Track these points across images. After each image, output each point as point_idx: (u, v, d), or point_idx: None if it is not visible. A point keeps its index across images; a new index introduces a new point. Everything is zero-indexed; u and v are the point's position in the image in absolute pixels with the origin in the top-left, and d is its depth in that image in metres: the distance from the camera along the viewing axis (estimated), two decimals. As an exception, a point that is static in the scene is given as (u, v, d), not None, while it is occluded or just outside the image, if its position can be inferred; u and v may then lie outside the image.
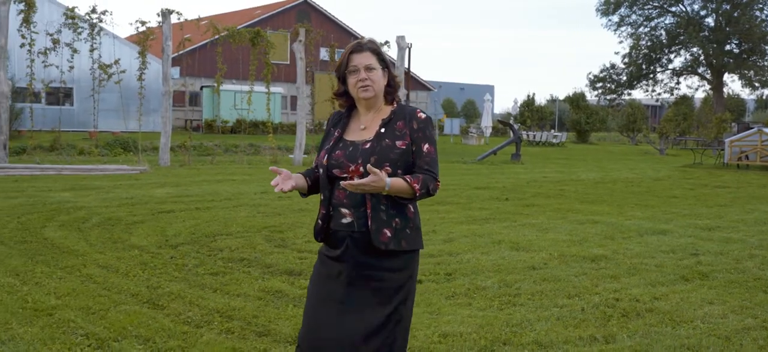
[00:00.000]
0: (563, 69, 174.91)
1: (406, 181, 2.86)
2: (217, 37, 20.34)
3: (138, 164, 17.58)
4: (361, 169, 2.88)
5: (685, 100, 45.90)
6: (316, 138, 23.86)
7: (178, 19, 18.87)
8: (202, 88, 40.90)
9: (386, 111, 3.03)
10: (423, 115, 3.02)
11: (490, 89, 79.49)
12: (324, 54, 32.24)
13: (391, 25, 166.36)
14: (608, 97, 49.01)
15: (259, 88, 20.79)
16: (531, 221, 9.86)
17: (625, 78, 48.41)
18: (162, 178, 14.88)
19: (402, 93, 19.57)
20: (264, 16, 47.44)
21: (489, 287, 5.87)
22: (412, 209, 2.99)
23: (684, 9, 47.18)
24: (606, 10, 47.77)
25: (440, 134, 40.90)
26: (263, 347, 4.29)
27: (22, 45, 17.61)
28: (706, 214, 10.95)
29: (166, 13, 18.69)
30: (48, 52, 18.04)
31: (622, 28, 48.88)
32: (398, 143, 2.93)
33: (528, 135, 37.60)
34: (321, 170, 2.99)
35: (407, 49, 21.49)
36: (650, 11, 48.01)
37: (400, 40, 21.43)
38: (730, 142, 22.87)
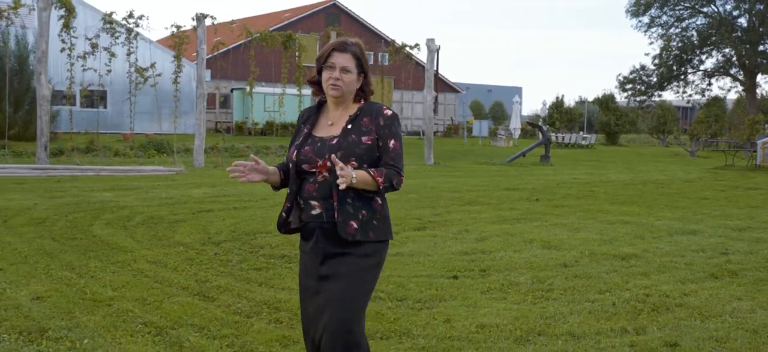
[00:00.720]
0: (592, 70, 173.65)
1: (370, 174, 2.98)
2: (249, 40, 20.72)
3: (173, 165, 18.02)
4: (328, 164, 2.99)
5: (716, 101, 45.46)
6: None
7: (212, 22, 19.29)
8: (232, 90, 41.51)
9: (353, 108, 3.14)
10: (389, 112, 3.12)
11: (517, 91, 79.28)
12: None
13: (419, 26, 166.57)
14: (638, 99, 48.66)
15: (291, 90, 21.14)
16: (561, 220, 10.02)
17: (655, 79, 48.02)
18: (198, 178, 15.26)
19: (431, 95, 19.77)
20: (293, 19, 47.92)
21: (522, 283, 6.08)
22: (379, 201, 3.09)
23: (716, 9, 46.70)
24: (636, 12, 47.46)
25: (469, 136, 41.01)
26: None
27: (62, 49, 18.14)
28: (736, 215, 11.02)
29: (200, 18, 19.13)
30: (87, 56, 18.55)
31: (653, 29, 48.50)
32: (364, 139, 3.04)
33: (557, 137, 37.56)
34: (290, 165, 3.11)
35: (436, 52, 21.66)
36: (681, 12, 47.59)
37: (430, 42, 21.64)
38: (762, 144, 22.73)
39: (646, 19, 48.13)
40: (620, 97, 48.76)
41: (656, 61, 48.02)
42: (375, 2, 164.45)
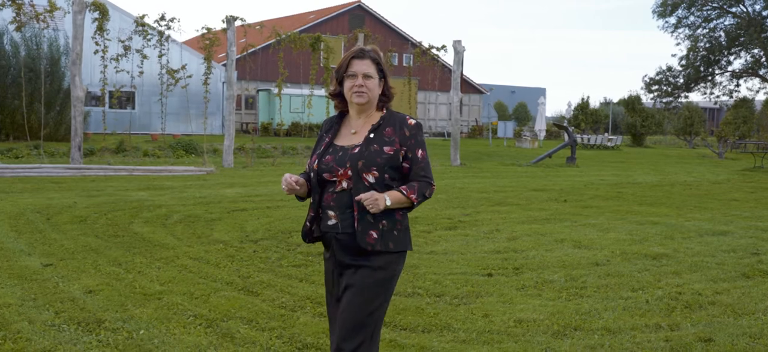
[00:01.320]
0: (616, 71, 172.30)
1: (403, 193, 2.99)
2: (275, 41, 20.99)
3: (203, 166, 18.33)
4: (349, 173, 2.99)
5: (745, 102, 45.00)
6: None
7: (242, 23, 19.58)
8: (257, 91, 41.92)
9: (376, 117, 3.12)
10: (413, 122, 3.11)
11: (541, 92, 79.02)
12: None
13: (442, 27, 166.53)
14: (664, 100, 48.34)
15: (318, 92, 21.38)
16: (591, 221, 10.11)
17: (682, 80, 47.69)
18: (229, 179, 15.53)
19: (457, 96, 19.90)
20: (318, 21, 48.18)
21: (556, 281, 6.22)
22: (399, 211, 3.06)
23: (745, 9, 46.26)
24: (663, 12, 47.15)
25: (494, 137, 41.01)
26: (355, 328, 4.73)
27: (96, 51, 18.54)
28: (767, 216, 11.03)
29: (230, 20, 19.43)
30: (119, 58, 18.95)
31: (680, 30, 48.17)
32: (386, 149, 3.01)
33: (582, 138, 37.47)
34: (312, 174, 3.10)
35: (463, 54, 21.79)
36: (709, 12, 47.22)
37: (457, 44, 21.77)
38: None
39: (672, 20, 47.85)
40: (646, 99, 48.48)
41: (683, 62, 47.69)
42: (399, 3, 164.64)
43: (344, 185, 3.00)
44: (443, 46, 21.87)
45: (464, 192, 13.74)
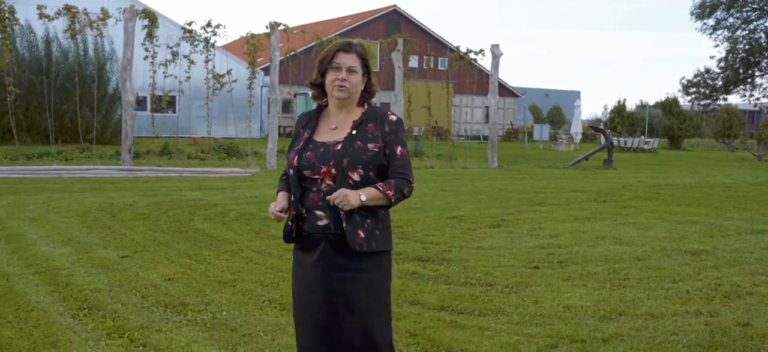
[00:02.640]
0: (651, 73, 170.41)
1: (380, 189, 2.91)
2: (316, 44, 21.53)
3: (248, 167, 18.94)
4: (333, 170, 2.91)
5: (785, 104, 44.55)
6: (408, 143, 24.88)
7: (285, 29, 20.17)
8: (295, 95, 42.62)
9: (357, 112, 3.05)
10: (394, 118, 3.05)
11: (576, 95, 78.56)
12: (413, 61, 33.21)
13: (476, 29, 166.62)
14: (702, 103, 48.00)
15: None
16: (630, 220, 10.40)
17: (720, 83, 47.33)
18: (274, 180, 16.06)
19: (495, 100, 20.22)
20: (354, 25, 48.73)
21: (600, 273, 6.58)
22: (382, 211, 3.00)
23: (784, 11, 45.86)
24: (701, 14, 46.87)
25: (529, 140, 41.15)
26: (417, 312, 5.17)
27: (145, 57, 19.26)
28: (805, 216, 11.20)
29: (274, 26, 20.03)
30: (168, 63, 19.65)
31: (718, 32, 47.82)
32: (370, 146, 2.95)
33: (618, 141, 37.45)
34: (291, 171, 3.01)
35: (500, 58, 22.12)
36: (749, 13, 46.82)
37: (495, 48, 22.10)
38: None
39: (711, 22, 47.52)
40: (684, 101, 48.21)
41: (722, 64, 47.31)
42: (435, 7, 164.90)
43: (329, 182, 2.93)
44: (481, 51, 22.23)
45: (504, 193, 14.09)
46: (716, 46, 76.69)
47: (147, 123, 27.80)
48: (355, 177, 2.92)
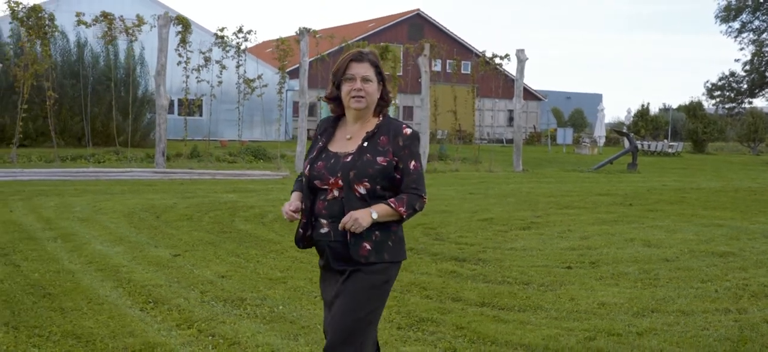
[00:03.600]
0: (675, 76, 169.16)
1: (391, 206, 2.92)
2: (341, 46, 21.91)
3: (278, 170, 19.37)
4: (340, 182, 2.93)
5: (811, 108, 44.24)
6: (433, 147, 25.21)
7: (314, 35, 20.59)
8: (319, 99, 43.16)
9: (372, 124, 3.04)
10: (409, 131, 3.01)
11: (598, 98, 78.40)
12: (436, 65, 33.50)
13: (497, 33, 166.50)
14: (727, 106, 47.82)
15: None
16: (657, 223, 10.64)
17: (745, 86, 47.11)
18: (306, 182, 16.45)
19: (520, 104, 20.49)
20: (377, 29, 49.15)
21: (630, 273, 6.87)
22: (394, 223, 3.01)
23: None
24: (726, 17, 46.71)
25: (553, 144, 41.27)
26: (460, 307, 5.51)
27: (179, 63, 19.76)
28: (831, 220, 11.37)
29: (303, 32, 20.45)
30: (200, 68, 20.15)
31: (744, 35, 47.59)
32: (379, 159, 2.93)
33: (642, 145, 37.49)
34: (303, 180, 3.06)
35: (525, 62, 22.38)
36: (775, 17, 46.62)
37: (520, 53, 22.36)
38: None
39: (736, 25, 47.31)
40: (708, 105, 48.05)
41: (747, 67, 47.09)
42: (456, 10, 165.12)
43: (336, 193, 2.95)
44: (507, 55, 22.50)
45: (531, 196, 14.36)
46: (741, 49, 76.19)
47: (174, 126, 28.40)
48: (362, 190, 2.92)
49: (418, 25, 49.47)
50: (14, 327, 4.82)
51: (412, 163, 2.98)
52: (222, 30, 20.41)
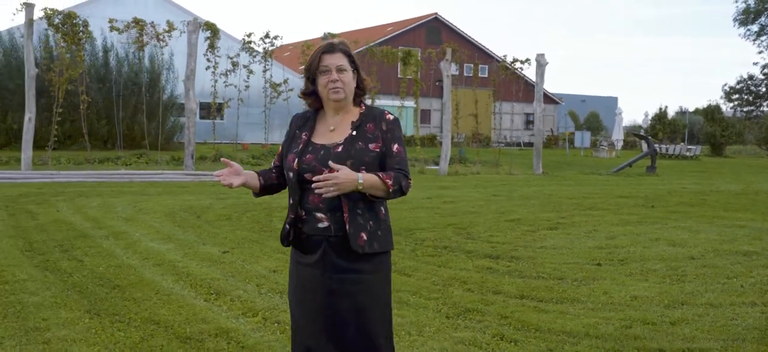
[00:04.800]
0: (691, 79, 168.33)
1: (379, 177, 2.87)
2: (366, 53, 22.37)
3: (304, 173, 19.81)
4: (335, 173, 2.86)
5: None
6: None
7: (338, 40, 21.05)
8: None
9: (355, 113, 3.04)
10: (391, 117, 3.05)
11: (613, 101, 78.34)
12: (453, 68, 33.89)
13: (513, 36, 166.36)
14: (745, 110, 47.85)
15: (387, 101, 22.69)
16: (680, 224, 10.96)
17: (764, 89, 47.12)
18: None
19: (539, 108, 20.82)
20: (395, 33, 49.56)
21: (658, 270, 7.22)
22: (383, 211, 3.02)
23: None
24: (745, 20, 46.75)
25: (571, 147, 41.49)
26: (502, 300, 5.89)
27: (207, 67, 20.27)
28: None
29: (327, 37, 20.92)
30: (228, 73, 20.67)
31: (762, 38, 47.60)
32: (371, 146, 2.95)
33: (660, 148, 37.65)
34: (290, 174, 2.97)
35: (545, 67, 22.71)
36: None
37: (540, 57, 22.70)
38: None
39: (755, 28, 47.33)
40: (726, 108, 48.07)
41: (766, 70, 47.10)
42: (474, 13, 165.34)
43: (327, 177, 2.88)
44: (527, 60, 22.84)
45: (554, 198, 14.70)
46: (760, 52, 75.94)
47: (197, 130, 28.91)
48: None
49: (435, 29, 49.86)
50: (96, 314, 5.27)
51: (396, 146, 2.99)
52: (249, 35, 20.91)
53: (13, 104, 26.21)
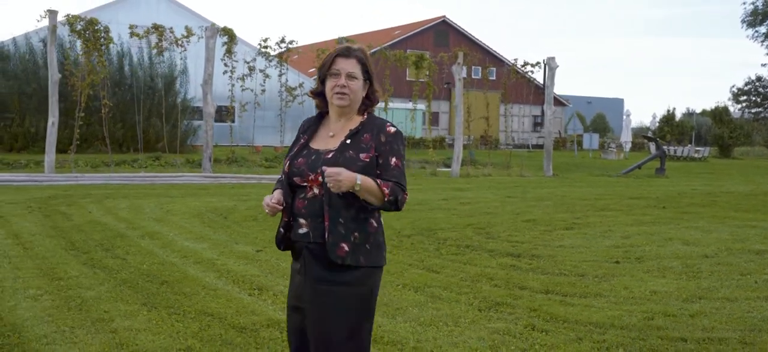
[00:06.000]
0: (697, 80, 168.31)
1: (377, 183, 2.82)
2: (380, 57, 22.74)
3: (319, 175, 20.19)
4: (320, 179, 2.84)
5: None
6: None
7: (354, 44, 21.45)
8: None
9: (356, 121, 2.99)
10: (392, 129, 2.97)
11: (619, 102, 78.61)
12: (462, 72, 34.21)
13: (521, 39, 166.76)
14: (753, 111, 48.06)
15: (400, 105, 23.06)
16: (692, 224, 11.28)
17: (772, 91, 47.34)
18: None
19: (549, 111, 21.14)
20: (403, 37, 49.94)
21: (674, 267, 7.56)
22: (374, 224, 2.93)
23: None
24: (753, 22, 46.98)
25: (579, 149, 41.77)
26: (529, 295, 6.25)
27: (225, 72, 20.68)
28: None
29: (342, 42, 21.30)
30: (245, 78, 21.07)
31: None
32: (362, 156, 2.88)
33: (668, 150, 37.90)
34: (283, 177, 2.99)
35: (555, 70, 23.04)
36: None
37: (551, 61, 23.03)
38: None
39: (763, 29, 47.53)
40: (734, 110, 48.31)
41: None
42: (481, 16, 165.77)
43: (316, 191, 2.87)
44: (538, 63, 23.20)
45: (567, 199, 15.02)
46: (768, 53, 76.07)
47: (207, 133, 29.31)
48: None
49: (443, 32, 50.22)
50: (153, 307, 5.64)
51: (393, 159, 2.92)
52: (265, 40, 21.32)
53: (30, 108, 26.71)
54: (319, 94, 3.04)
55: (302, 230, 2.88)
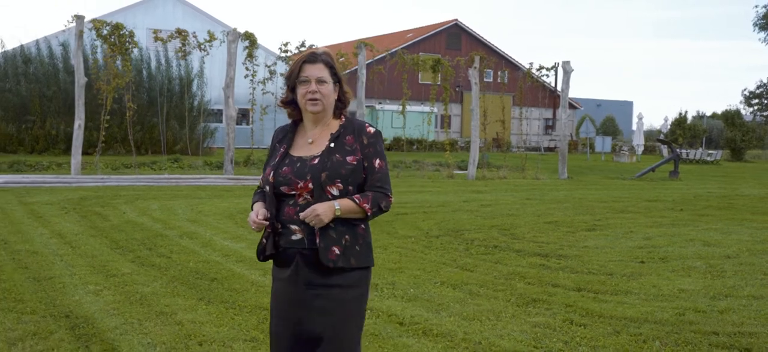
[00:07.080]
0: (707, 83, 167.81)
1: (355, 202, 2.86)
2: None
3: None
4: (310, 185, 2.87)
5: None
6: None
7: (372, 48, 21.80)
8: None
9: (334, 125, 3.01)
10: (372, 130, 3.01)
11: (628, 105, 78.60)
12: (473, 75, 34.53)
13: (532, 41, 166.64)
14: (765, 114, 48.15)
15: (415, 107, 23.36)
16: (711, 226, 11.54)
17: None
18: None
19: (564, 114, 21.37)
20: (416, 40, 50.16)
21: (698, 267, 7.84)
22: (362, 226, 2.96)
23: None
24: (765, 25, 47.10)
25: (591, 152, 41.97)
26: (562, 292, 6.55)
27: (246, 76, 21.05)
28: None
29: (360, 46, 21.64)
30: (265, 81, 21.43)
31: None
32: (349, 159, 2.91)
33: (680, 152, 38.04)
34: (267, 188, 2.96)
35: (570, 74, 23.31)
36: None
37: (566, 64, 23.29)
38: None
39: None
40: (745, 113, 48.38)
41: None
42: (493, 19, 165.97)
43: (307, 197, 2.90)
44: (553, 67, 23.46)
45: (585, 202, 15.30)
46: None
47: (225, 135, 29.72)
48: (334, 192, 2.89)
49: (455, 35, 50.47)
50: (209, 301, 5.98)
51: (377, 161, 2.96)
52: (286, 44, 21.68)
53: (51, 111, 27.19)
54: (290, 103, 3.07)
55: (296, 237, 2.91)
